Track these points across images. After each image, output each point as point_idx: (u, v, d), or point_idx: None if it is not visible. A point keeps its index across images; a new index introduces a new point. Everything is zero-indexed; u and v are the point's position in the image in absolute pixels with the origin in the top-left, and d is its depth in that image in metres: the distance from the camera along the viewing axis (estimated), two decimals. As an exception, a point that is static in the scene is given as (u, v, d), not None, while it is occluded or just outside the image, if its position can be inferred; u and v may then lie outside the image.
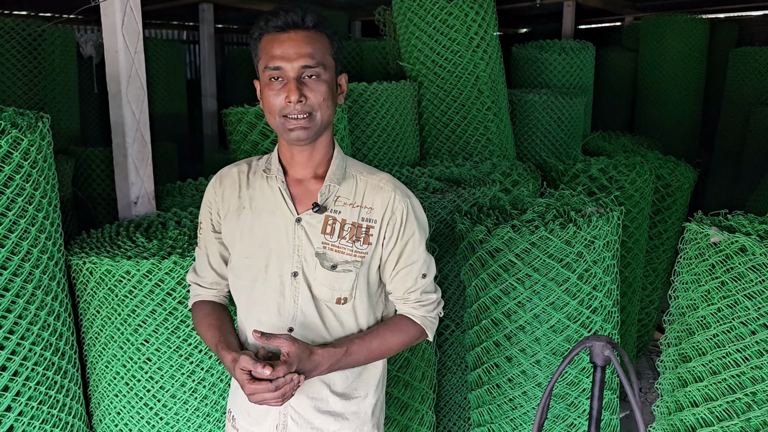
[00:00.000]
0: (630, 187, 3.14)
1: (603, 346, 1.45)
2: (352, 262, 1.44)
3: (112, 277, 1.76)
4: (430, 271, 1.54)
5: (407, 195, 1.49)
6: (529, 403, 2.16)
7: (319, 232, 1.44)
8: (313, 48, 1.35)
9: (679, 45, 6.18)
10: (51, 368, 1.71)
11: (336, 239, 1.44)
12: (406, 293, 1.52)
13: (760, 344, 1.60)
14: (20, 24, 3.81)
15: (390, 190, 1.46)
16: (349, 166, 1.50)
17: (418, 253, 1.50)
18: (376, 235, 1.45)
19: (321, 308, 1.47)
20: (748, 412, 1.62)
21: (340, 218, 1.44)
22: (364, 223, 1.45)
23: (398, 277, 1.50)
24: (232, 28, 9.68)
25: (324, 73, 1.37)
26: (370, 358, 1.50)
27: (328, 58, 1.39)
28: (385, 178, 1.49)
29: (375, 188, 1.46)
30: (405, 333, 1.53)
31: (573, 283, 2.05)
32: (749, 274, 1.61)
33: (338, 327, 1.49)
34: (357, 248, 1.44)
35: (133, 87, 2.13)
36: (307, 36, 1.35)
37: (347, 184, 1.47)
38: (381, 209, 1.45)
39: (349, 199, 1.45)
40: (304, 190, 1.46)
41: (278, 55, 1.34)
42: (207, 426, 1.89)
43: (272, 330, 1.47)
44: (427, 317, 1.55)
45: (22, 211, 1.57)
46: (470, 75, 3.44)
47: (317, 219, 1.44)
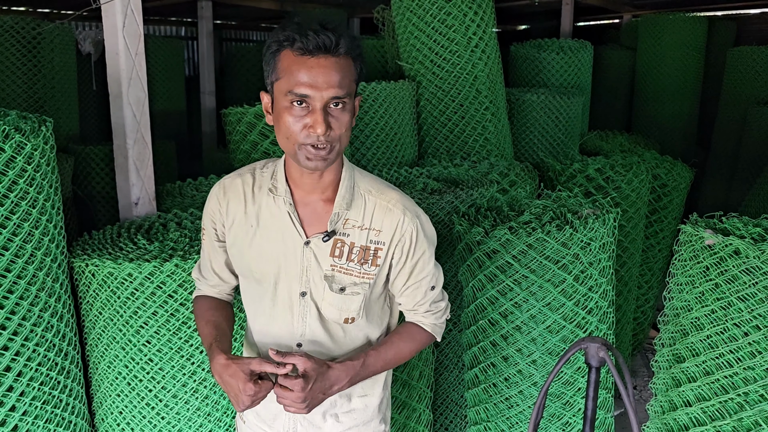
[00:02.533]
0: (626, 187, 3.16)
1: (598, 347, 1.47)
2: (360, 284, 1.43)
3: (114, 280, 1.78)
4: (438, 282, 1.55)
5: (416, 215, 1.46)
6: (525, 402, 2.19)
7: (327, 254, 1.42)
8: (342, 77, 1.27)
9: (677, 44, 6.20)
10: (54, 368, 1.74)
11: (344, 262, 1.42)
12: (416, 306, 1.54)
13: (752, 345, 1.62)
14: (19, 22, 3.82)
15: (399, 212, 1.43)
16: (357, 184, 1.45)
17: (427, 270, 1.50)
18: (383, 256, 1.44)
19: (328, 325, 1.48)
20: (741, 412, 1.64)
21: (349, 241, 1.42)
22: (372, 246, 1.42)
23: (408, 292, 1.51)
24: (231, 24, 9.67)
25: (349, 102, 1.31)
26: (386, 368, 1.52)
27: (353, 85, 1.32)
28: (395, 198, 1.45)
29: (384, 210, 1.43)
30: (416, 341, 1.55)
31: (569, 285, 2.07)
32: (743, 276, 1.63)
33: (346, 341, 1.50)
34: (365, 270, 1.43)
35: (133, 89, 2.15)
36: (337, 63, 1.26)
37: (356, 206, 1.43)
38: (390, 232, 1.43)
39: (357, 222, 1.42)
40: (312, 211, 1.43)
41: (306, 82, 1.25)
42: (208, 425, 1.91)
43: (280, 344, 1.48)
44: (436, 324, 1.58)
45: (25, 215, 1.59)
46: (468, 75, 3.46)
47: (326, 243, 1.42)
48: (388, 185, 1.49)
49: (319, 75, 1.25)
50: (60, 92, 4.12)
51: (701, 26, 6.27)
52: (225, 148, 3.21)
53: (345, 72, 1.28)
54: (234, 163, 2.99)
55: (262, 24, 10.32)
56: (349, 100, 1.31)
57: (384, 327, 1.59)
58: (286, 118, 1.28)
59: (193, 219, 2.18)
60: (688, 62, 6.25)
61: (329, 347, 1.49)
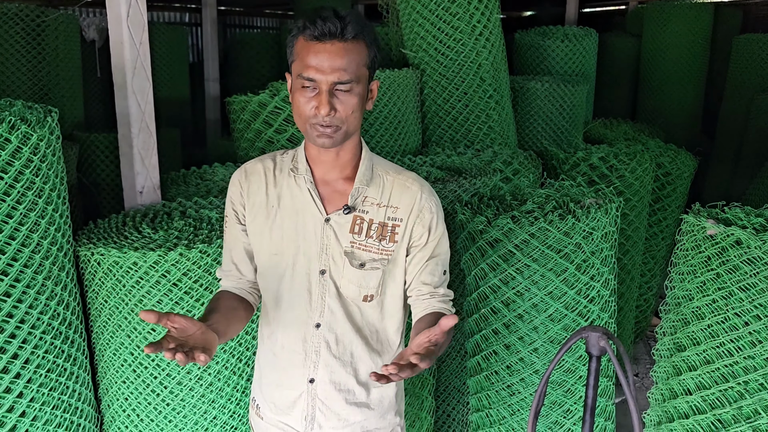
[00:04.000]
0: (630, 175, 3.16)
1: (599, 336, 1.49)
2: (379, 260, 1.47)
3: (119, 268, 1.80)
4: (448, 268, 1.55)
5: (433, 194, 1.51)
6: (526, 389, 2.21)
7: (347, 231, 1.46)
8: (348, 61, 1.33)
9: (683, 31, 6.15)
10: (61, 356, 1.76)
11: (364, 238, 1.46)
12: (433, 289, 1.50)
13: (753, 335, 1.63)
14: (23, 10, 3.82)
15: (417, 189, 1.48)
16: (376, 166, 1.51)
17: (445, 247, 1.52)
18: (401, 233, 1.47)
19: (347, 305, 1.50)
20: (740, 400, 1.65)
21: (368, 218, 1.46)
22: (389, 222, 1.47)
23: (428, 270, 1.49)
24: (235, 10, 9.64)
25: (357, 86, 1.36)
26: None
27: (363, 69, 1.37)
28: (412, 176, 1.50)
29: (402, 187, 1.48)
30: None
31: (571, 274, 2.08)
32: (744, 266, 1.64)
33: (364, 323, 1.52)
34: (383, 247, 1.46)
35: (138, 78, 2.16)
36: (343, 48, 1.32)
37: (374, 185, 1.48)
38: (407, 208, 1.47)
39: (376, 199, 1.47)
40: (332, 190, 1.48)
41: (312, 65, 1.32)
42: (212, 412, 1.94)
43: (298, 325, 1.50)
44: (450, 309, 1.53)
45: (31, 205, 1.60)
46: (473, 63, 3.45)
47: (345, 219, 1.46)
48: (405, 169, 1.55)
49: (324, 60, 1.32)
50: (64, 80, 4.13)
51: (707, 13, 6.22)
52: (229, 136, 3.22)
53: (352, 56, 1.33)
54: (238, 151, 3.00)
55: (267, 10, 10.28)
56: (357, 85, 1.35)
57: (401, 322, 1.58)
58: (298, 98, 1.36)
59: (198, 208, 2.19)
60: (694, 50, 6.21)
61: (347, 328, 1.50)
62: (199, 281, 1.82)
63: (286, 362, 1.54)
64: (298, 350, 1.52)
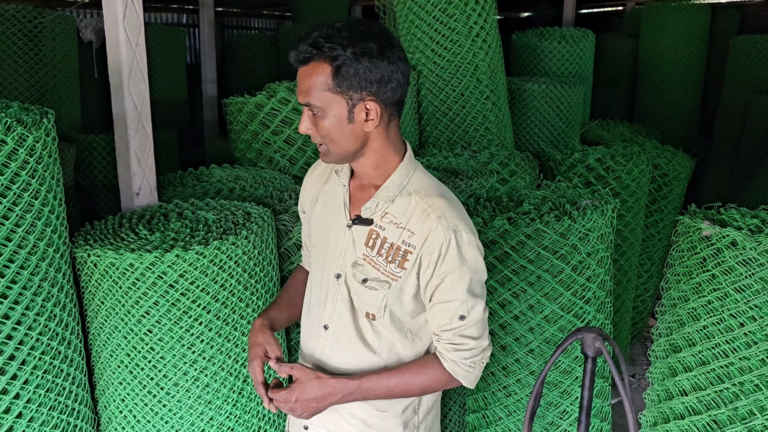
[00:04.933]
0: (627, 177, 3.17)
1: (594, 337, 1.49)
2: (382, 282, 1.41)
3: (116, 270, 1.80)
4: (472, 314, 1.41)
5: (453, 228, 1.37)
6: (522, 390, 2.21)
7: (363, 243, 1.44)
8: (307, 85, 1.33)
9: (681, 32, 6.16)
10: (57, 357, 1.76)
11: (375, 255, 1.42)
12: (439, 330, 1.44)
13: (748, 336, 1.64)
14: (21, 11, 3.82)
15: (435, 219, 1.37)
16: (412, 183, 1.43)
17: (455, 292, 1.39)
18: (412, 261, 1.39)
19: (357, 316, 1.47)
20: (736, 401, 1.66)
21: (383, 235, 1.42)
22: (403, 246, 1.40)
23: (433, 312, 1.43)
24: (233, 11, 9.64)
25: (326, 109, 1.34)
26: (389, 395, 1.46)
27: (326, 95, 1.33)
28: (438, 204, 1.39)
29: (422, 213, 1.39)
30: (429, 376, 1.45)
31: (567, 275, 2.09)
32: (739, 267, 1.65)
33: (373, 338, 1.47)
34: (390, 270, 1.41)
35: (134, 80, 2.16)
36: (305, 73, 1.34)
37: (400, 203, 1.42)
38: (421, 237, 1.38)
39: (395, 218, 1.41)
40: (363, 197, 1.46)
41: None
42: (209, 413, 1.94)
43: (312, 326, 1.55)
44: (458, 362, 1.43)
45: (28, 206, 1.60)
46: (469, 64, 3.45)
47: (363, 230, 1.43)
48: (442, 191, 1.44)
49: (297, 83, 1.37)
50: (62, 81, 4.13)
51: (704, 14, 6.23)
52: (227, 137, 3.22)
53: (311, 80, 1.32)
54: (235, 153, 3.00)
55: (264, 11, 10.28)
56: (326, 108, 1.34)
57: (420, 348, 1.51)
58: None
59: (194, 209, 2.19)
60: (691, 50, 6.22)
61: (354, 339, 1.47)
62: (196, 282, 1.82)
63: (303, 353, 1.59)
64: (312, 346, 1.54)
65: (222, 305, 1.89)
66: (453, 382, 1.47)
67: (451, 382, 1.47)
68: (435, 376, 1.45)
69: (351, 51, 1.29)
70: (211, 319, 1.88)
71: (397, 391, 1.46)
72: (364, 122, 1.36)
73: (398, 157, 1.44)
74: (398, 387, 1.45)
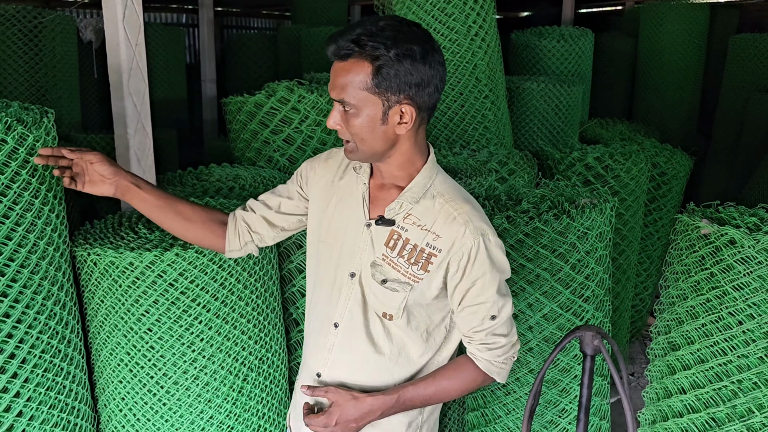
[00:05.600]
0: (625, 175, 3.18)
1: (593, 336, 1.49)
2: (403, 283, 1.40)
3: (115, 269, 1.81)
4: (502, 314, 1.43)
5: (481, 232, 1.38)
6: (521, 389, 2.22)
7: (383, 243, 1.42)
8: (344, 82, 1.30)
9: (679, 31, 6.17)
10: (58, 355, 1.77)
11: (395, 256, 1.41)
12: (471, 332, 1.45)
13: (746, 334, 1.64)
14: (21, 11, 3.82)
15: (461, 223, 1.37)
16: (434, 185, 1.43)
17: (486, 295, 1.40)
18: (437, 264, 1.39)
19: (369, 315, 1.46)
20: (734, 399, 1.67)
21: (405, 236, 1.40)
22: (427, 249, 1.39)
23: (463, 314, 1.44)
24: (232, 11, 9.64)
25: (360, 108, 1.32)
26: (427, 404, 1.48)
27: (362, 94, 1.30)
28: (464, 209, 1.39)
29: (448, 217, 1.38)
30: (464, 379, 1.47)
31: (566, 273, 2.10)
32: (738, 266, 1.66)
33: (384, 339, 1.47)
34: (413, 271, 1.40)
35: (134, 79, 2.16)
36: (342, 69, 1.31)
37: (423, 205, 1.41)
38: (448, 241, 1.38)
39: (419, 221, 1.40)
40: (384, 196, 1.45)
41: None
42: (209, 411, 1.94)
43: (320, 322, 1.52)
44: (492, 361, 1.45)
45: (28, 205, 1.61)
46: (468, 63, 3.45)
47: (384, 230, 1.42)
48: (465, 196, 1.45)
49: (332, 76, 1.33)
50: (62, 81, 4.13)
51: (703, 13, 6.23)
52: (226, 137, 3.23)
53: (347, 78, 1.30)
54: (234, 152, 3.00)
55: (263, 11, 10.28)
56: (360, 107, 1.32)
57: (433, 348, 1.51)
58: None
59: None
60: (690, 50, 6.23)
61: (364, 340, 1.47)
62: (195, 281, 1.83)
63: (308, 347, 1.58)
64: (318, 342, 1.53)
65: (221, 304, 1.90)
66: (487, 380, 1.49)
67: (486, 381, 1.49)
68: (470, 378, 1.47)
69: (394, 52, 1.27)
70: (210, 317, 1.88)
71: (436, 398, 1.47)
72: (397, 125, 1.34)
73: (423, 159, 1.44)
74: (437, 395, 1.46)
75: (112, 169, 1.56)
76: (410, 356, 1.49)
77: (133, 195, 1.56)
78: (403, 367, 1.49)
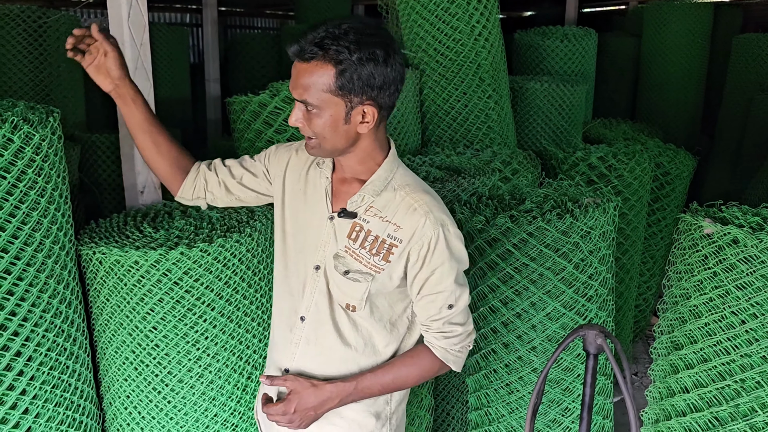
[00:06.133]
0: (629, 175, 3.18)
1: (596, 334, 1.50)
2: (364, 274, 1.44)
3: (120, 267, 1.82)
4: (459, 303, 1.48)
5: (441, 223, 1.42)
6: (525, 387, 2.22)
7: (345, 235, 1.46)
8: (307, 83, 1.33)
9: (683, 31, 6.15)
10: (63, 354, 1.78)
11: (357, 247, 1.45)
12: (429, 320, 1.49)
13: (749, 333, 1.64)
14: (25, 11, 3.83)
15: (422, 214, 1.41)
16: (395, 178, 1.47)
17: (444, 284, 1.44)
18: (397, 254, 1.43)
19: (334, 307, 1.50)
20: (737, 398, 1.67)
21: (367, 228, 1.44)
22: (388, 240, 1.43)
23: (422, 303, 1.48)
24: (236, 11, 9.66)
25: (322, 109, 1.35)
26: (385, 391, 1.52)
27: (325, 95, 1.33)
28: (423, 199, 1.44)
29: (409, 209, 1.43)
30: (422, 366, 1.51)
31: (569, 273, 2.10)
32: (741, 265, 1.65)
33: (350, 330, 1.50)
34: (374, 262, 1.44)
35: (139, 79, 2.17)
36: (305, 69, 1.33)
37: (385, 197, 1.45)
38: (409, 231, 1.42)
39: (380, 212, 1.44)
40: (346, 190, 1.49)
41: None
42: (213, 409, 1.95)
43: (286, 316, 1.55)
44: (448, 349, 1.50)
45: (34, 204, 1.62)
46: (472, 63, 3.46)
47: (346, 222, 1.46)
48: (426, 188, 1.49)
49: (293, 76, 1.36)
50: (66, 80, 4.14)
51: (707, 13, 6.22)
52: (230, 136, 3.24)
53: (310, 79, 1.33)
54: (238, 152, 3.01)
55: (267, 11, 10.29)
56: (320, 108, 1.34)
57: (397, 338, 1.56)
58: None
59: (197, 208, 2.20)
60: (694, 49, 6.21)
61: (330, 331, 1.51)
62: (200, 280, 1.84)
63: (275, 342, 1.61)
64: (285, 337, 1.56)
65: (226, 302, 1.91)
66: (444, 369, 1.53)
67: (443, 369, 1.53)
68: (427, 365, 1.51)
69: (357, 56, 1.30)
70: (215, 316, 1.89)
71: (393, 386, 1.51)
72: (359, 124, 1.38)
73: (384, 153, 1.48)
74: (394, 382, 1.50)
75: (119, 72, 1.62)
76: (376, 347, 1.53)
77: (125, 105, 1.63)
78: (369, 358, 1.53)
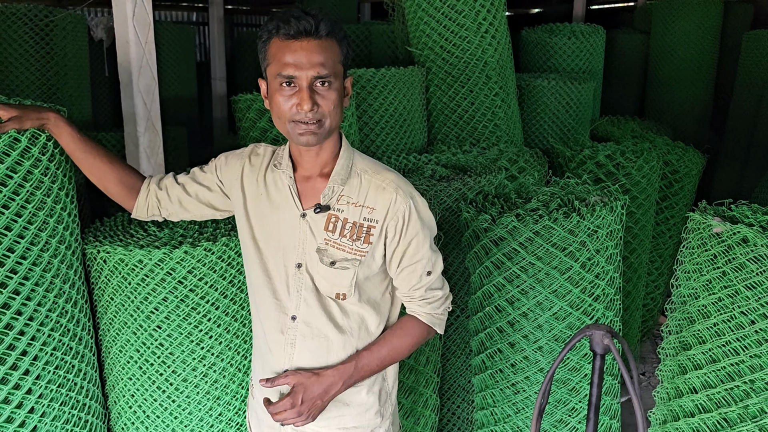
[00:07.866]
0: (637, 173, 3.15)
1: (603, 334, 1.49)
2: (351, 260, 1.48)
3: (125, 266, 1.82)
4: (436, 269, 1.57)
5: (410, 195, 1.50)
6: (531, 387, 2.21)
7: (322, 228, 1.49)
8: (325, 57, 1.37)
9: (692, 27, 6.10)
10: (68, 353, 1.78)
11: (337, 237, 1.48)
12: (411, 290, 1.56)
13: (759, 334, 1.62)
14: (32, 10, 3.84)
15: (392, 191, 1.48)
16: (355, 164, 1.53)
17: (421, 253, 1.52)
18: (376, 235, 1.49)
19: (324, 300, 1.52)
20: (746, 399, 1.65)
21: (342, 217, 1.48)
22: (365, 223, 1.48)
23: (402, 275, 1.54)
24: (242, 9, 9.66)
25: (335, 81, 1.39)
26: (383, 365, 1.57)
27: (338, 66, 1.41)
28: (389, 178, 1.51)
29: (378, 189, 1.49)
30: (412, 335, 1.58)
31: (576, 272, 2.08)
32: (750, 264, 1.63)
33: (342, 318, 1.54)
34: (357, 247, 1.48)
35: (144, 78, 2.17)
36: (319, 45, 1.37)
37: (351, 184, 1.50)
38: (383, 210, 1.48)
39: (352, 198, 1.49)
40: (311, 187, 1.52)
41: (291, 63, 1.35)
42: (217, 408, 1.95)
43: (274, 321, 1.55)
44: (433, 314, 1.59)
45: (41, 204, 1.62)
46: (478, 61, 3.44)
47: (321, 216, 1.49)
48: (385, 167, 1.55)
49: (302, 56, 1.35)
50: (72, 79, 4.15)
51: (717, 9, 6.16)
52: (236, 134, 3.23)
53: (328, 53, 1.37)
54: (244, 150, 3.01)
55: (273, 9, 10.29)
56: (335, 80, 1.39)
57: (384, 316, 1.62)
58: (278, 98, 1.39)
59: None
60: (703, 46, 6.16)
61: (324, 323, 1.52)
62: (204, 279, 1.83)
63: (266, 350, 1.60)
64: (278, 340, 1.56)
65: (230, 301, 1.90)
66: (431, 334, 1.62)
67: (430, 334, 1.62)
68: (417, 333, 1.58)
69: (343, 32, 1.41)
70: (219, 315, 1.89)
71: (390, 358, 1.56)
72: (345, 97, 1.46)
73: (340, 142, 1.53)
74: (390, 354, 1.56)
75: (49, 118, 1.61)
76: (369, 329, 1.57)
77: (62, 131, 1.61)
78: (364, 341, 1.57)
